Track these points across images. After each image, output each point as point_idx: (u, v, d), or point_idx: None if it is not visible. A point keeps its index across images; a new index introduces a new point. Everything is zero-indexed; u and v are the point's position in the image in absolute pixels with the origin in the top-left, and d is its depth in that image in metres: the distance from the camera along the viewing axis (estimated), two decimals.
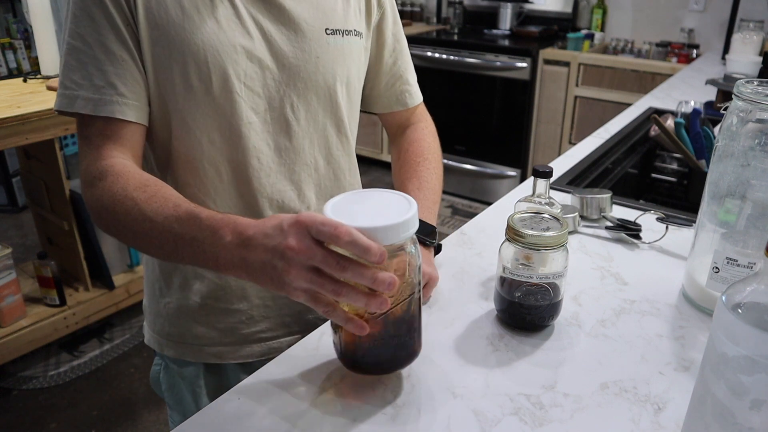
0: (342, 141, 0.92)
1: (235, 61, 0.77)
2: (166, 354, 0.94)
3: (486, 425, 0.64)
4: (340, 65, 0.87)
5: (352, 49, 0.89)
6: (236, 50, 0.77)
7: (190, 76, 0.76)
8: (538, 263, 0.75)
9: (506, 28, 3.76)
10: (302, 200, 0.88)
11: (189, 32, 0.75)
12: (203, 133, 0.80)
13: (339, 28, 0.86)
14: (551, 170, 0.87)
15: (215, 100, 0.78)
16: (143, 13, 0.74)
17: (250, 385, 0.70)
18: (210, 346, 0.91)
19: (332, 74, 0.86)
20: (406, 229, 0.59)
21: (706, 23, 3.33)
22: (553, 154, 3.41)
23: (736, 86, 0.76)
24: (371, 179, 3.90)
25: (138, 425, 1.96)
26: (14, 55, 3.52)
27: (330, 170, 0.91)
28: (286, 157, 0.85)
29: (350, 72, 0.89)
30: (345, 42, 0.87)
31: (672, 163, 1.65)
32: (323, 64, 0.84)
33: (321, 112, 0.87)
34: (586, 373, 0.72)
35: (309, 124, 0.86)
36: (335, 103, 0.88)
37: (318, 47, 0.84)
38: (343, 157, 0.93)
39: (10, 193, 3.43)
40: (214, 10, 0.76)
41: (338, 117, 0.89)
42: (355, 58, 0.90)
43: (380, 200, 0.64)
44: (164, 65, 0.76)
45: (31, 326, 2.10)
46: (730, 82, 1.77)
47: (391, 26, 0.98)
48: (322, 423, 0.64)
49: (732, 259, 0.78)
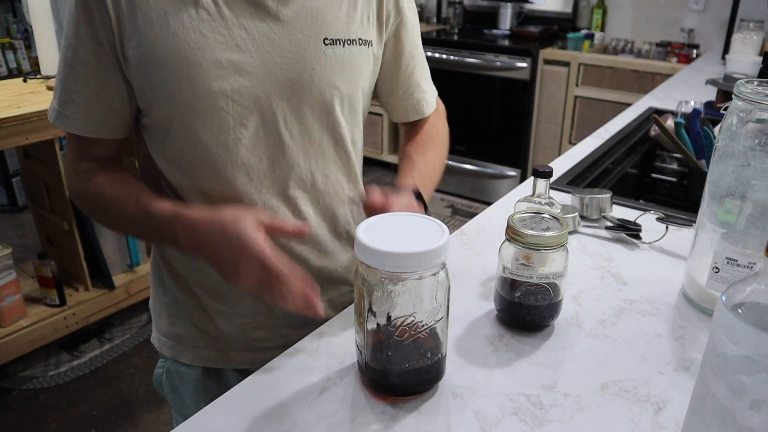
0: (340, 155, 0.87)
1: (220, 77, 0.74)
2: (164, 353, 0.94)
3: (486, 425, 0.64)
4: (340, 77, 0.82)
5: (355, 60, 0.83)
6: (222, 65, 0.74)
7: (173, 92, 0.75)
8: (538, 263, 0.75)
9: (506, 28, 3.75)
10: (298, 215, 0.85)
11: (173, 49, 0.73)
12: (192, 147, 0.78)
13: (340, 38, 0.81)
14: (551, 170, 0.87)
15: (201, 116, 0.76)
16: (131, 30, 0.73)
17: (249, 385, 0.70)
18: (204, 348, 0.91)
19: (329, 87, 0.81)
20: (438, 255, 0.60)
21: (706, 23, 3.33)
22: (553, 154, 3.42)
23: (736, 86, 0.76)
24: (371, 179, 3.90)
25: (138, 425, 1.96)
26: (14, 55, 3.52)
27: (328, 185, 0.87)
28: (279, 172, 0.82)
29: (353, 84, 0.84)
30: (346, 53, 0.82)
31: (672, 163, 1.65)
32: (319, 76, 0.80)
33: (317, 127, 0.83)
34: (586, 373, 0.72)
35: (304, 138, 0.82)
36: (333, 117, 0.84)
37: (313, 59, 0.79)
38: (343, 172, 0.89)
39: (10, 193, 3.43)
40: (200, 24, 0.73)
41: (336, 131, 0.85)
42: (360, 69, 0.85)
43: (412, 224, 0.65)
44: (150, 82, 0.75)
45: (31, 326, 2.10)
46: (730, 82, 1.77)
47: (411, 32, 0.93)
48: (321, 423, 0.64)
49: (732, 259, 0.78)
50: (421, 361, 0.65)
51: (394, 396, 0.67)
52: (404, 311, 0.62)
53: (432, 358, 0.66)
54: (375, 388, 0.67)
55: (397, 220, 0.66)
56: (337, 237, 0.91)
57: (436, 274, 0.62)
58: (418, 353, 0.64)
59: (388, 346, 0.63)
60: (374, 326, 0.63)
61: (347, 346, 0.76)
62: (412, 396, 0.67)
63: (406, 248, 0.59)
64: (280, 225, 0.71)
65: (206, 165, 0.79)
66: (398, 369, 0.65)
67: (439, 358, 0.66)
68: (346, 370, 0.72)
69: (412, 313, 0.62)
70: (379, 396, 0.67)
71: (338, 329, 0.80)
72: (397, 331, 0.63)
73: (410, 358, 0.64)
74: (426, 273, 0.61)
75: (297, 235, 0.72)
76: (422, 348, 0.65)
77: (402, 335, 0.63)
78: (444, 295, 0.64)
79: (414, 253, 0.59)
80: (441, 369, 0.68)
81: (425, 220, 0.65)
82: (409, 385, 0.66)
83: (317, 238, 0.87)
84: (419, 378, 0.66)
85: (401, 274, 0.60)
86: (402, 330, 0.63)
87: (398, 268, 0.59)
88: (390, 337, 0.63)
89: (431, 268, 0.61)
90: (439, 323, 0.64)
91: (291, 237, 0.81)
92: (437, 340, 0.66)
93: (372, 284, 0.61)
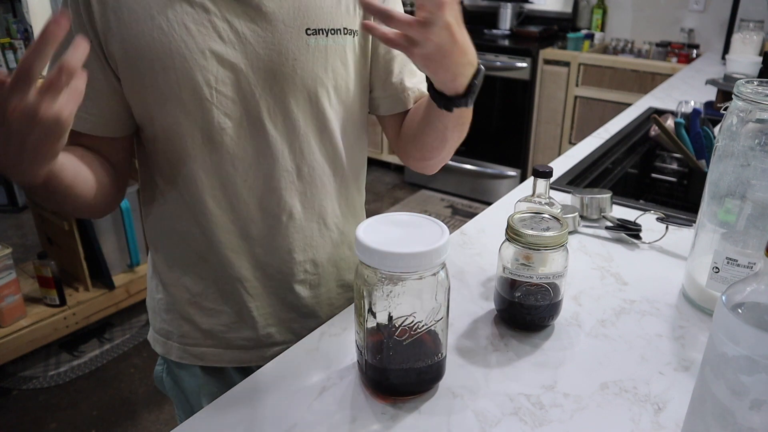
0: (327, 148, 0.86)
1: (203, 67, 0.75)
2: (157, 350, 0.95)
3: (486, 425, 0.64)
4: (323, 68, 0.81)
5: (339, 50, 0.82)
6: (205, 56, 0.75)
7: (159, 84, 0.76)
8: (538, 263, 0.75)
9: (506, 28, 3.75)
10: (283, 207, 0.84)
11: (157, 41, 0.74)
12: (180, 139, 0.79)
13: (323, 28, 0.80)
14: (551, 170, 0.87)
15: (186, 107, 0.77)
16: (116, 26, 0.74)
17: (249, 385, 0.70)
18: (193, 346, 0.91)
19: (312, 77, 0.80)
20: (438, 255, 0.60)
21: (706, 23, 3.33)
22: (553, 154, 3.41)
23: (736, 86, 0.76)
24: (371, 179, 3.89)
25: (138, 425, 1.96)
26: (14, 55, 3.52)
27: (314, 177, 0.85)
28: (264, 162, 0.81)
29: (337, 74, 0.83)
30: (330, 42, 0.81)
31: (672, 163, 1.65)
32: (301, 66, 0.79)
33: (301, 117, 0.82)
34: (586, 373, 0.72)
35: (288, 129, 0.81)
36: (319, 108, 0.83)
37: (296, 49, 0.79)
38: (329, 165, 0.87)
39: (10, 193, 3.43)
40: (184, 16, 0.74)
41: (322, 123, 0.84)
42: (345, 59, 0.83)
43: (412, 224, 0.65)
44: (136, 75, 0.76)
45: (31, 326, 2.10)
46: (730, 82, 1.77)
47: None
48: (321, 423, 0.64)
49: (732, 259, 0.78)
50: (421, 361, 0.65)
51: (393, 396, 0.67)
52: (404, 311, 0.62)
53: (432, 358, 0.66)
54: (375, 387, 0.67)
55: (397, 220, 0.66)
56: (326, 230, 0.89)
57: (436, 274, 0.62)
58: (418, 353, 0.65)
59: (388, 346, 0.63)
60: (374, 326, 0.63)
61: (347, 346, 0.76)
62: (412, 396, 0.67)
63: (406, 248, 0.59)
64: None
65: (192, 155, 0.80)
66: (398, 369, 0.65)
67: (440, 358, 0.67)
68: (346, 370, 0.72)
69: (412, 313, 0.62)
70: (379, 396, 0.67)
71: (338, 329, 0.80)
72: (397, 331, 0.63)
73: (410, 358, 0.64)
74: (426, 273, 0.61)
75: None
76: (422, 348, 0.65)
77: (402, 335, 0.63)
78: (444, 295, 0.64)
79: (414, 253, 0.59)
80: (441, 369, 0.68)
81: (425, 220, 0.65)
82: (409, 385, 0.66)
83: (304, 231, 0.87)
84: (419, 378, 0.66)
85: (401, 274, 0.60)
86: (402, 330, 0.63)
87: (398, 268, 0.60)
88: (390, 337, 0.63)
89: (431, 268, 0.61)
90: (439, 323, 0.64)
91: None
92: (437, 340, 0.66)
93: (372, 284, 0.61)
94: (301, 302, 0.90)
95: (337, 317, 0.82)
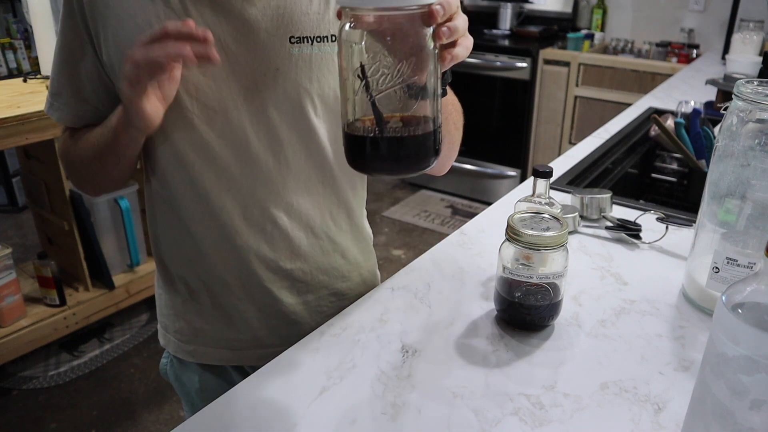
0: (314, 156, 0.83)
1: (184, 76, 0.73)
2: (160, 342, 0.97)
3: (486, 425, 0.64)
4: (307, 77, 0.78)
5: (325, 58, 0.79)
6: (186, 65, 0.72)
7: None
8: (538, 263, 0.75)
9: (506, 28, 3.75)
10: (267, 217, 0.83)
11: None
12: (167, 148, 0.79)
13: (308, 35, 0.77)
14: (551, 170, 0.87)
15: (167, 117, 0.75)
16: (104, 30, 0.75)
17: (249, 385, 0.70)
18: (186, 343, 0.92)
19: (296, 87, 0.78)
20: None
21: (706, 23, 3.33)
22: (553, 154, 3.41)
23: (736, 86, 0.76)
24: (371, 179, 3.89)
25: (138, 425, 1.96)
26: (14, 55, 3.52)
27: (300, 187, 0.83)
28: (248, 173, 0.80)
29: (325, 83, 0.80)
30: (315, 51, 0.78)
31: (672, 163, 1.65)
32: (283, 76, 0.77)
33: (285, 128, 0.80)
34: (586, 373, 0.72)
35: (271, 140, 0.80)
36: (304, 119, 0.80)
37: (278, 58, 0.76)
38: (317, 175, 0.85)
39: (10, 193, 3.43)
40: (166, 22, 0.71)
41: (307, 132, 0.81)
42: (331, 67, 0.80)
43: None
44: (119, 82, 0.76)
45: (31, 326, 2.10)
46: (730, 82, 1.77)
47: None
48: (321, 423, 0.64)
49: (732, 259, 0.78)
50: (415, 128, 0.59)
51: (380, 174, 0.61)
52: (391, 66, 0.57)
53: (425, 126, 0.60)
54: (360, 162, 0.62)
55: None
56: (314, 238, 0.87)
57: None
58: (409, 116, 0.59)
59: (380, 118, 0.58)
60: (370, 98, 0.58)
61: (347, 346, 0.76)
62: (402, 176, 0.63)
63: None
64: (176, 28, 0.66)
65: (179, 164, 0.80)
66: (388, 135, 0.59)
67: (436, 128, 0.61)
68: (346, 370, 0.72)
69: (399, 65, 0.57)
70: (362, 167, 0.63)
71: (338, 329, 0.80)
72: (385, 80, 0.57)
73: (402, 120, 0.59)
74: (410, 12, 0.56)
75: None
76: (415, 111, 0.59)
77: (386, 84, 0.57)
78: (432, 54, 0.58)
79: None
80: (437, 145, 0.62)
81: None
82: (401, 158, 0.60)
83: (291, 241, 0.85)
84: (413, 152, 0.60)
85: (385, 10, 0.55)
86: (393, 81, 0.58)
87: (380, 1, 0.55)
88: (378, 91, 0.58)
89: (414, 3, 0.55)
90: (431, 81, 0.59)
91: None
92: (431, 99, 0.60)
93: (354, 42, 0.57)
94: (289, 309, 0.89)
95: (338, 317, 0.82)
